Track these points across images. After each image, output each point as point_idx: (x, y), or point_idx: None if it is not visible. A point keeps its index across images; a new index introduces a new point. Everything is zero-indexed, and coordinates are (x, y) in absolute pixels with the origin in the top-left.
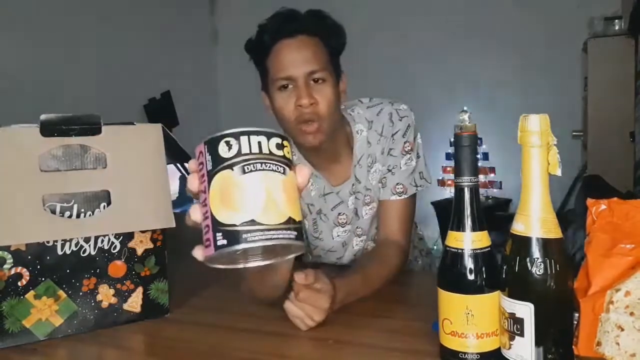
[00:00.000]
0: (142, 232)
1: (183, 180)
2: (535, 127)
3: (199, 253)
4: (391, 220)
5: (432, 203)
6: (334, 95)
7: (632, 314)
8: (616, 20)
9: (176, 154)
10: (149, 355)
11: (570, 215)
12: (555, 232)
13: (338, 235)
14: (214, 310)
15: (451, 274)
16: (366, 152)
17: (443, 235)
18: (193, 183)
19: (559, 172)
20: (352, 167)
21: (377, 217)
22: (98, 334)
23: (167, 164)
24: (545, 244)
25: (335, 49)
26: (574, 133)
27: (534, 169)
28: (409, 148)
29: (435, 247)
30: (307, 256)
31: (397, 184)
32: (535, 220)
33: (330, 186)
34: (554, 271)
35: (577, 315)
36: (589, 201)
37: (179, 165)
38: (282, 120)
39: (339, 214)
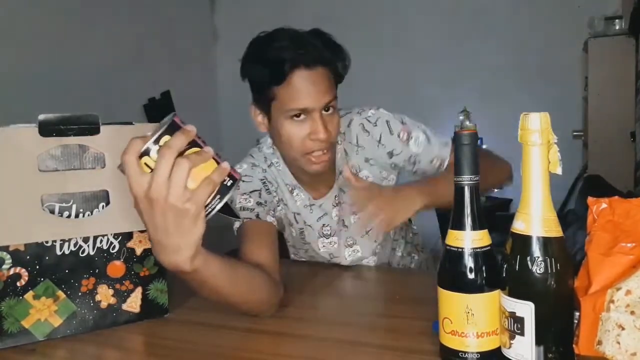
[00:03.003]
0: (141, 232)
1: None
2: (535, 125)
3: None
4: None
5: None
6: (338, 119)
7: (632, 312)
8: (616, 20)
9: None
10: (148, 355)
11: (570, 215)
12: (555, 231)
13: (323, 246)
14: (214, 310)
15: (451, 273)
16: (345, 164)
17: (443, 235)
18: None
19: (559, 171)
20: (334, 179)
21: None
22: (97, 334)
23: None
24: (546, 242)
25: (342, 74)
26: (575, 133)
27: (534, 168)
28: (406, 136)
29: (435, 247)
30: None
31: (431, 161)
32: (536, 219)
33: (312, 199)
34: (554, 270)
35: (577, 314)
36: (590, 200)
37: None
38: (288, 147)
39: (324, 225)
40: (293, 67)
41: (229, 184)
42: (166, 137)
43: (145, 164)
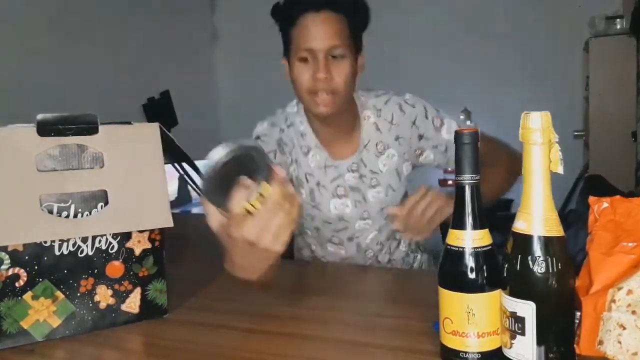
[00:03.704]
0: (140, 232)
1: (182, 181)
2: (536, 124)
3: None
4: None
5: None
6: (350, 71)
7: (634, 312)
8: (617, 20)
9: (174, 153)
10: (147, 356)
11: (571, 215)
12: (557, 231)
13: (335, 208)
14: (213, 311)
15: (452, 272)
16: (375, 139)
17: (444, 235)
18: None
19: (560, 170)
20: (357, 149)
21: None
22: (96, 335)
23: (165, 163)
24: (547, 242)
25: (359, 25)
26: (576, 133)
27: (535, 167)
28: (440, 122)
29: (436, 247)
30: (307, 250)
31: None
32: (537, 218)
33: (330, 159)
34: (555, 269)
35: (578, 313)
36: (591, 199)
37: (177, 165)
38: (297, 88)
39: (338, 185)
40: (302, 10)
41: None
42: (264, 185)
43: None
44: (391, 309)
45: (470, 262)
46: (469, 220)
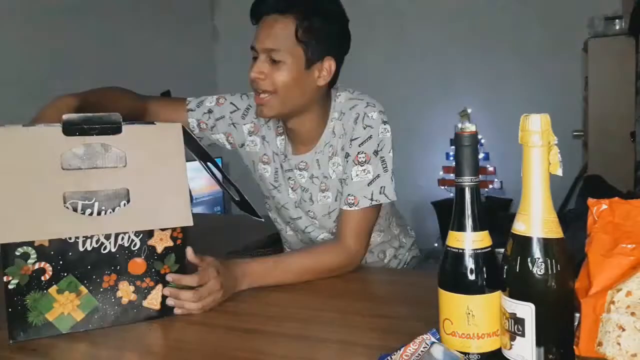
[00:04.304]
0: (162, 230)
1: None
2: (536, 126)
3: None
4: (342, 225)
5: (432, 203)
6: (290, 78)
7: (633, 314)
8: (617, 20)
9: (199, 153)
10: (147, 356)
11: (570, 215)
12: (556, 232)
13: (289, 195)
14: (213, 310)
15: (452, 274)
16: (330, 142)
17: (443, 236)
18: None
19: (559, 172)
20: (312, 149)
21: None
22: (96, 335)
23: (192, 160)
24: (546, 243)
25: (317, 31)
26: (575, 133)
27: (534, 169)
28: (364, 159)
29: (436, 245)
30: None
31: (349, 194)
32: (536, 220)
33: (290, 152)
34: (555, 271)
35: (578, 315)
36: (590, 201)
37: (202, 162)
38: None
39: (289, 178)
40: (261, 13)
41: None
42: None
43: None
44: (390, 310)
45: (470, 263)
46: (468, 222)
